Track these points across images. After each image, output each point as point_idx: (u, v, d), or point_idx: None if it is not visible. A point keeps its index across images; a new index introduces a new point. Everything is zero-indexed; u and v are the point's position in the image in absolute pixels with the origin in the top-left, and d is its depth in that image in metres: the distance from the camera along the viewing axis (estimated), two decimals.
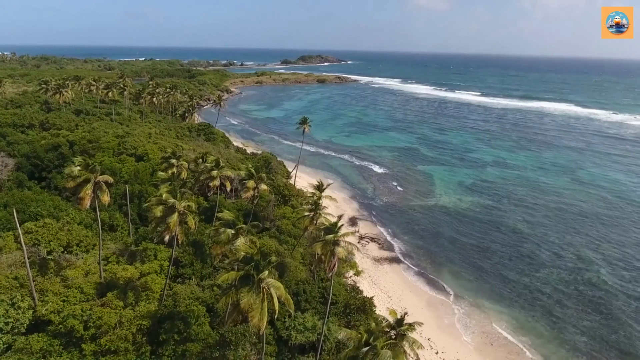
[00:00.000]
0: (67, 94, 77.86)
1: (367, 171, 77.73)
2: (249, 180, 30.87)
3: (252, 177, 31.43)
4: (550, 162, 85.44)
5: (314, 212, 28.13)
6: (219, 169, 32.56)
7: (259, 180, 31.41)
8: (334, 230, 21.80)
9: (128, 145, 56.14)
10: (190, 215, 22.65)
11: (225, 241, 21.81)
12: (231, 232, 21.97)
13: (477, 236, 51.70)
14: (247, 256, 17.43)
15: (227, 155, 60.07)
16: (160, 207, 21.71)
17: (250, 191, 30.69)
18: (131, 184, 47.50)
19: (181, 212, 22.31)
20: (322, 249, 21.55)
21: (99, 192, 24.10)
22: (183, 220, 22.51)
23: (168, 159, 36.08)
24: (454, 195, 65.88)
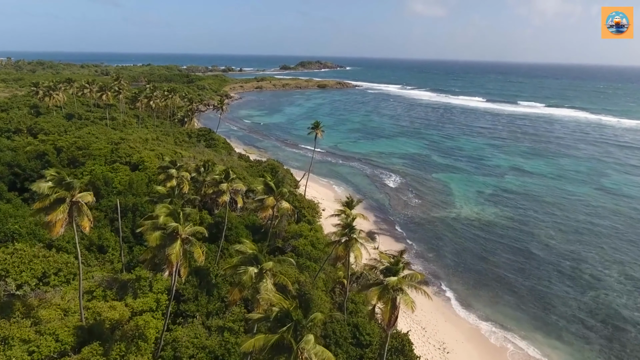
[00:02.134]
0: (57, 97, 72.73)
1: (378, 179, 72.86)
2: (268, 197, 25.50)
3: (272, 193, 26.16)
4: (570, 169, 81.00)
5: (349, 238, 22.91)
6: (228, 182, 27.40)
7: (280, 196, 26.20)
8: (396, 271, 16.69)
9: (122, 153, 51.04)
10: (196, 245, 17.57)
11: (247, 284, 16.51)
12: (254, 272, 16.68)
13: (509, 253, 46.74)
14: (282, 312, 12.42)
15: (231, 163, 55.02)
16: (157, 234, 16.66)
17: (269, 210, 25.37)
18: (125, 195, 42.37)
19: (185, 239, 17.22)
20: (380, 298, 16.41)
21: (77, 216, 18.95)
22: (187, 250, 17.43)
23: (166, 168, 30.78)
24: (475, 206, 61.05)
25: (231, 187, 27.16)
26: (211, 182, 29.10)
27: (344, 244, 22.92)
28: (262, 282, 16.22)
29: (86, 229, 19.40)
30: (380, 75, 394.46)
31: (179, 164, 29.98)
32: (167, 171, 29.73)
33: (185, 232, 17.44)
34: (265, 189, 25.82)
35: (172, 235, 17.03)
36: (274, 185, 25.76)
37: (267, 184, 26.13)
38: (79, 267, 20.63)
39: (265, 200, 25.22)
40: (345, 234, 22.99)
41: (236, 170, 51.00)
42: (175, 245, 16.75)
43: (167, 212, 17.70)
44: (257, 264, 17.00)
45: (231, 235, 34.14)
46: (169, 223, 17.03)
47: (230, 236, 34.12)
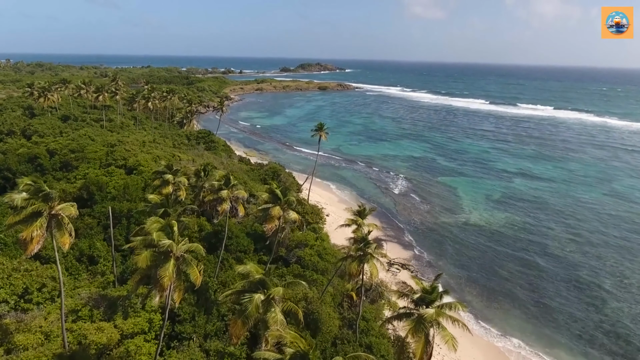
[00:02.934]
0: (52, 98, 70.59)
1: (383, 183, 70.68)
2: (274, 207, 22.85)
3: (278, 202, 23.53)
4: (579, 173, 78.86)
5: (364, 253, 20.51)
6: (229, 188, 25.11)
7: (286, 205, 23.86)
8: (432, 299, 14.40)
9: (117, 156, 48.89)
10: (192, 264, 15.35)
11: (252, 315, 14.07)
12: (260, 299, 14.24)
13: (522, 264, 44.47)
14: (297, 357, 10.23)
15: (231, 167, 52.87)
16: (146, 254, 14.45)
17: (275, 221, 22.84)
18: (119, 201, 40.22)
19: (179, 258, 15.00)
20: (413, 333, 14.14)
21: (56, 231, 16.66)
22: (182, 271, 15.21)
23: (162, 174, 28.46)
24: (484, 211, 58.87)
25: (232, 195, 24.87)
26: (210, 189, 26.80)
27: (358, 259, 20.65)
28: (270, 311, 13.91)
29: (66, 245, 17.13)
30: (380, 77, 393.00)
31: (176, 168, 27.61)
32: (162, 176, 27.40)
33: (180, 250, 15.23)
34: (271, 197, 23.31)
35: (165, 254, 14.83)
36: (280, 193, 23.41)
37: (272, 191, 23.61)
38: (60, 288, 18.35)
39: (270, 210, 22.73)
40: (360, 248, 20.70)
41: (237, 175, 48.85)
42: (167, 265, 14.56)
43: (159, 226, 15.51)
44: (263, 288, 14.67)
45: (232, 245, 31.97)
46: (161, 240, 14.81)
47: (231, 245, 31.94)
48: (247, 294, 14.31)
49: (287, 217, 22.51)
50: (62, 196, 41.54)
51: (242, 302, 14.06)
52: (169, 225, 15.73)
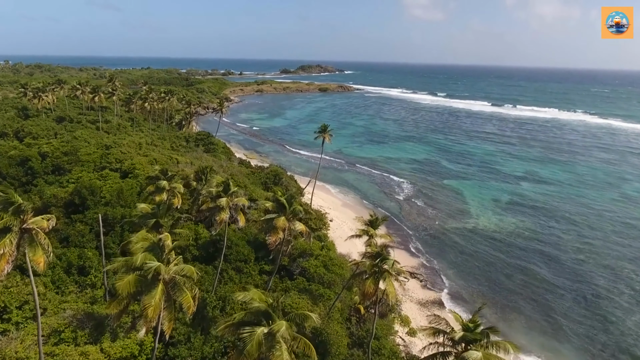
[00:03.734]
0: (47, 99, 68.63)
1: (387, 187, 68.70)
2: (279, 217, 20.68)
3: (283, 212, 21.43)
4: (587, 176, 76.95)
5: (380, 270, 18.29)
6: (228, 196, 23.04)
7: (292, 215, 21.63)
8: (475, 338, 12.21)
9: (112, 158, 46.91)
10: (184, 289, 13.26)
11: (253, 354, 11.78)
12: (263, 333, 12.00)
13: (535, 272, 42.45)
14: None
15: (231, 170, 50.91)
16: (130, 278, 12.35)
17: (279, 233, 20.57)
18: (113, 206, 38.20)
19: (170, 282, 12.93)
20: None
21: (28, 249, 14.56)
22: (173, 298, 13.09)
23: (156, 179, 26.38)
24: (493, 216, 56.89)
25: (232, 203, 22.82)
26: (208, 196, 24.71)
27: (373, 277, 18.55)
28: (274, 348, 11.67)
29: (40, 264, 15.07)
30: (380, 79, 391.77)
31: (171, 173, 25.48)
32: (156, 183, 25.31)
33: (170, 272, 13.19)
34: (275, 206, 21.08)
35: (152, 279, 12.77)
36: (286, 201, 21.26)
37: (277, 200, 21.31)
38: (36, 309, 16.28)
39: (275, 221, 20.46)
40: (376, 265, 18.63)
41: (237, 178, 46.87)
42: (154, 292, 12.48)
43: (147, 245, 13.48)
44: (267, 319, 12.45)
45: (231, 255, 29.95)
46: (148, 263, 12.74)
47: (230, 255, 29.92)
48: (247, 327, 12.10)
49: (293, 228, 20.38)
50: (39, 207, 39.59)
51: (241, 336, 11.89)
52: (158, 243, 13.68)
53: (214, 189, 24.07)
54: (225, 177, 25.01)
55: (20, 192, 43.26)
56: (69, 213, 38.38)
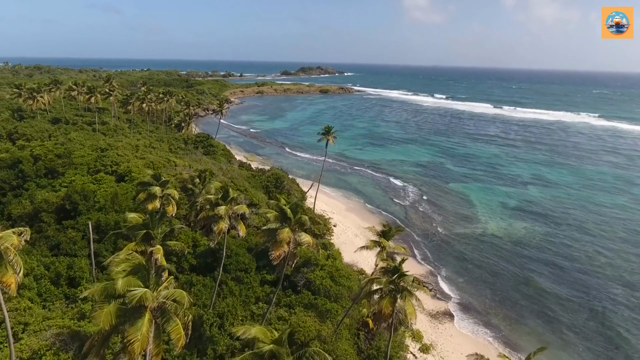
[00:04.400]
0: (42, 100, 66.92)
1: (392, 190, 66.90)
2: (282, 229, 18.26)
3: (287, 222, 19.00)
4: (596, 179, 75.20)
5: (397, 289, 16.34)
6: (228, 204, 21.15)
7: (298, 226, 19.06)
8: None
9: (108, 161, 45.11)
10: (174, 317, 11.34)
11: None
12: None
13: (550, 278, 40.68)
14: None
15: (231, 173, 49.11)
16: (110, 308, 10.42)
17: (284, 247, 18.22)
18: (107, 211, 36.43)
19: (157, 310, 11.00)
20: None
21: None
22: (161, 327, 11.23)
23: (148, 185, 24.35)
24: (501, 221, 55.07)
25: (231, 211, 20.90)
26: (205, 203, 22.80)
27: (390, 296, 16.69)
28: None
29: (11, 286, 13.20)
30: (381, 80, 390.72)
31: (165, 178, 23.49)
32: (148, 189, 23.37)
33: (159, 298, 11.33)
34: (279, 216, 18.86)
35: (136, 308, 10.93)
36: (290, 211, 18.87)
37: (281, 209, 18.86)
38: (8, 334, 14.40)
39: (278, 233, 18.09)
40: (393, 282, 16.80)
41: (237, 182, 45.10)
42: (140, 324, 10.63)
43: (131, 266, 11.60)
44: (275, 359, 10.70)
45: (231, 264, 28.12)
46: (132, 290, 10.83)
47: (230, 265, 28.10)
48: None
49: (299, 240, 18.40)
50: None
51: None
52: (145, 263, 11.81)
53: (212, 196, 22.06)
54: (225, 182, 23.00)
55: (10, 197, 41.67)
56: (60, 219, 36.64)
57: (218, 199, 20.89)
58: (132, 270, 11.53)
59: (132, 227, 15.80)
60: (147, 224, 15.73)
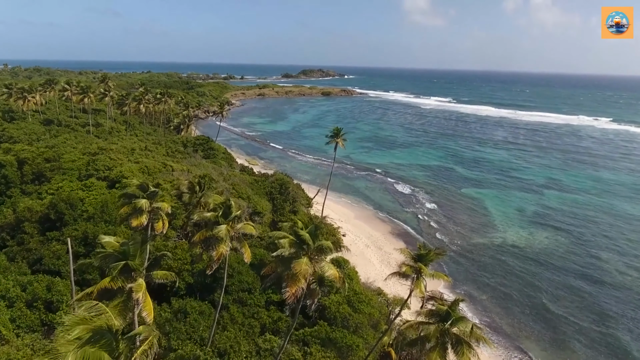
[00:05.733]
0: (33, 100, 63.67)
1: (401, 196, 63.46)
2: (299, 260, 14.16)
3: (305, 250, 14.81)
4: (615, 184, 71.66)
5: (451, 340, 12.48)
6: (229, 222, 16.89)
7: (318, 254, 14.82)
8: None
9: (100, 165, 41.76)
10: None
11: None
12: None
13: (581, 295, 37.11)
14: None
15: (233, 179, 45.74)
16: None
17: (301, 282, 13.67)
18: (95, 222, 33.09)
19: None
20: None
21: None
22: None
23: (132, 197, 19.86)
24: (520, 230, 51.60)
25: (233, 232, 17.14)
26: (201, 221, 18.91)
27: (440, 347, 13.07)
28: None
29: None
30: (382, 83, 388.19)
31: (152, 189, 19.71)
32: (133, 201, 19.48)
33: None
34: (294, 243, 14.78)
35: None
36: (309, 236, 14.70)
37: (297, 234, 14.77)
38: None
39: (295, 265, 13.86)
40: (444, 331, 13.08)
41: (239, 188, 41.71)
42: None
43: (91, 333, 8.05)
44: None
45: (232, 285, 24.69)
46: None
47: (232, 286, 24.65)
48: None
49: (321, 273, 14.41)
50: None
51: None
52: (109, 330, 8.28)
53: (210, 213, 18.20)
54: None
55: None
56: (45, 229, 33.30)
57: (218, 216, 17.19)
58: (91, 339, 8.02)
59: (106, 255, 12.41)
60: (125, 252, 12.33)
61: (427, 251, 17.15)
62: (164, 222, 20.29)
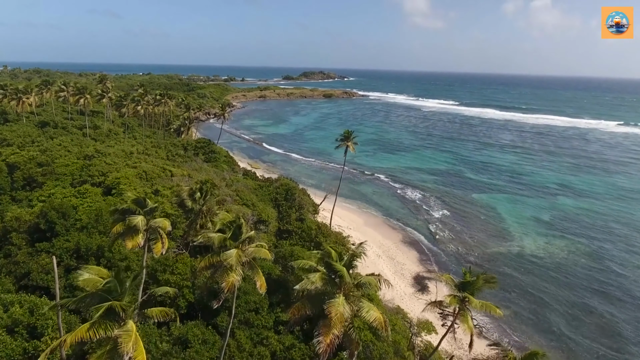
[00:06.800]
0: (28, 101, 61.29)
1: (411, 201, 61.00)
2: (335, 300, 10.80)
3: (338, 283, 11.52)
4: (631, 189, 69.19)
5: None
6: (240, 245, 14.00)
7: (355, 289, 11.63)
8: None
9: (95, 170, 39.31)
10: None
11: None
12: None
13: (613, 310, 34.59)
14: None
15: (236, 185, 43.26)
16: None
17: (337, 327, 10.39)
18: (89, 232, 30.62)
19: None
20: None
21: None
22: None
23: (126, 214, 16.83)
24: (538, 237, 49.13)
25: (245, 257, 14.08)
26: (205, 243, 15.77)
27: None
28: None
29: None
30: (383, 85, 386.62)
31: (151, 206, 16.91)
32: (127, 218, 16.50)
33: None
34: (325, 276, 11.59)
35: None
36: (346, 271, 11.59)
37: (331, 267, 11.67)
38: None
39: (329, 306, 10.76)
40: None
41: (243, 195, 39.24)
42: None
43: None
44: None
45: (239, 306, 22.19)
46: None
47: (238, 307, 22.16)
48: None
49: (361, 316, 11.43)
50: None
51: None
52: None
53: (217, 235, 15.01)
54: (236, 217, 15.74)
55: None
56: (34, 240, 30.80)
57: (226, 238, 14.38)
58: None
59: (85, 297, 9.81)
60: (110, 290, 9.77)
61: (475, 278, 14.67)
62: (164, 242, 17.46)
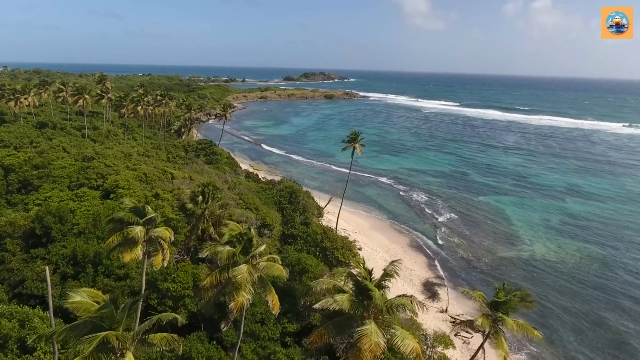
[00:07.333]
0: (25, 102, 60.09)
1: (416, 204, 59.73)
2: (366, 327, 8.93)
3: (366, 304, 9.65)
4: (638, 191, 68.05)
5: None
6: (250, 260, 12.70)
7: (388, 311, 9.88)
8: None
9: (93, 173, 38.06)
10: None
11: None
12: None
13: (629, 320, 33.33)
14: None
15: (239, 188, 42.01)
16: None
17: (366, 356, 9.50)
18: (86, 237, 29.39)
19: None
20: None
21: None
22: None
23: (124, 224, 15.18)
24: (548, 241, 47.85)
25: (257, 273, 12.62)
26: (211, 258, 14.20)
27: None
28: None
29: None
30: (384, 86, 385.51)
31: (150, 215, 15.37)
32: (125, 229, 14.98)
33: None
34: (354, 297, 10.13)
35: None
36: (376, 289, 10.24)
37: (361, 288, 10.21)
38: None
39: (360, 336, 9.34)
40: None
41: (246, 198, 37.98)
42: None
43: None
44: None
45: (246, 319, 20.85)
46: None
47: (245, 319, 20.81)
48: None
49: (396, 346, 10.11)
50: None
51: None
52: None
53: (225, 249, 13.51)
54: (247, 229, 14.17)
55: None
56: (29, 246, 29.55)
57: (235, 253, 12.95)
58: None
59: (76, 326, 8.47)
60: (105, 316, 8.49)
61: (509, 297, 13.31)
62: (165, 253, 15.98)
